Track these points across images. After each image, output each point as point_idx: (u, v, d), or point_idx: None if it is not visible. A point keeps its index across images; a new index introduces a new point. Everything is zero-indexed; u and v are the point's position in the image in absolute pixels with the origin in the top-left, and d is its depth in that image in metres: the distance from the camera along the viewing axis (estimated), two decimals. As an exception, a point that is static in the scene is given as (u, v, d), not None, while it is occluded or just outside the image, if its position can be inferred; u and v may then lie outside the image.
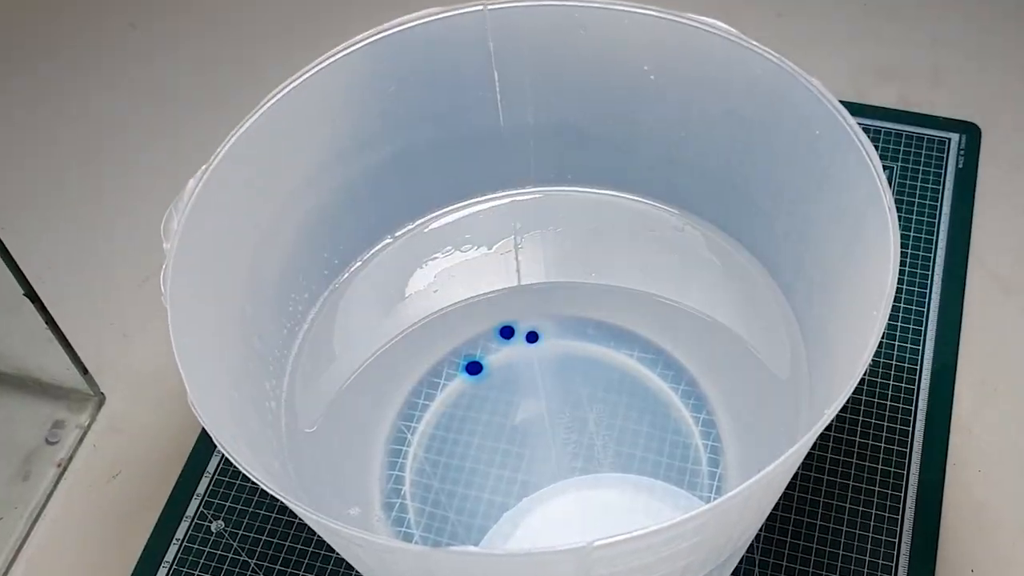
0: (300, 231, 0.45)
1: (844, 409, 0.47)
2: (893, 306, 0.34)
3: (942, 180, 0.55)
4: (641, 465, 0.45)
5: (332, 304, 0.48)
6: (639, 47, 0.43)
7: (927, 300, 0.51)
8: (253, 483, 0.32)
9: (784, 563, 0.44)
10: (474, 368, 0.48)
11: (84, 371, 0.50)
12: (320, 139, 0.44)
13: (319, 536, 0.45)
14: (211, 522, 0.47)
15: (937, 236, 0.53)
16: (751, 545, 0.45)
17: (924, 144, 0.56)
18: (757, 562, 0.44)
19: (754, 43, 0.40)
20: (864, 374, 0.32)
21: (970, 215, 0.54)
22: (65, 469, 0.49)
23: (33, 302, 0.46)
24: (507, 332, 0.48)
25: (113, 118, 0.62)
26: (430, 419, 0.47)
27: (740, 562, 0.44)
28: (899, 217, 0.36)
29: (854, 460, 0.46)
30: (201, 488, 0.48)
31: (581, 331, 0.48)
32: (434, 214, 0.50)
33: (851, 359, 0.35)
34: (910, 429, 0.47)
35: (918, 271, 0.52)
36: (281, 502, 0.32)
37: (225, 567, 0.45)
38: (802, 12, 0.64)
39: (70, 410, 0.51)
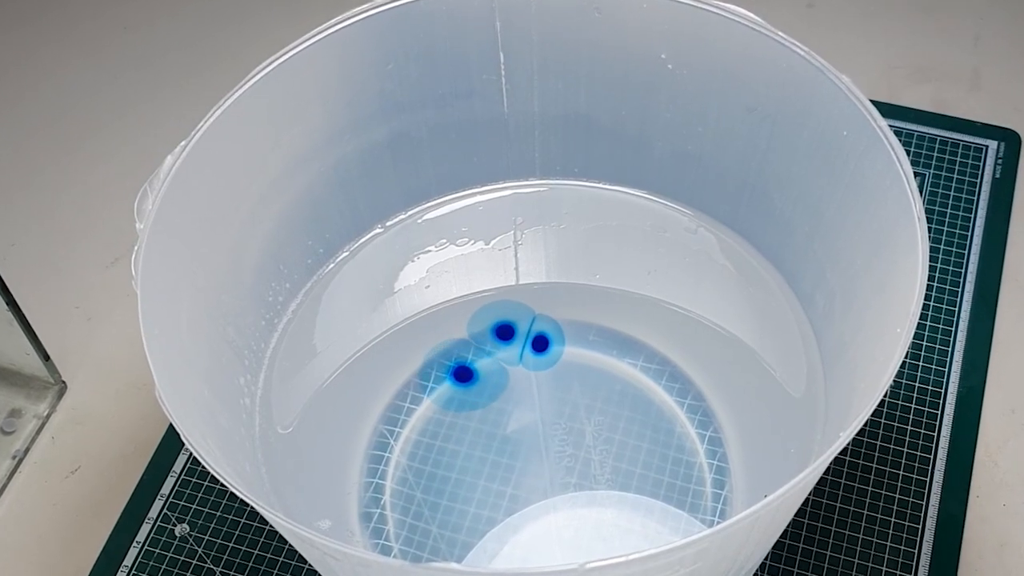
0: (284, 216, 0.45)
1: (861, 432, 0.47)
2: (919, 324, 0.34)
3: (977, 190, 0.55)
4: (640, 483, 0.45)
5: (315, 296, 0.48)
6: (657, 33, 0.43)
7: (955, 319, 0.51)
8: (222, 485, 0.32)
9: (790, 595, 0.44)
10: (462, 374, 0.47)
11: (45, 357, 0.50)
12: (311, 117, 0.44)
13: (291, 546, 0.45)
14: (175, 525, 0.47)
15: (969, 250, 0.53)
16: (755, 574, 0.45)
17: (959, 151, 0.56)
18: (761, 593, 0.45)
19: (781, 34, 0.40)
20: (884, 396, 0.33)
21: (1006, 229, 0.54)
22: (20, 462, 0.49)
23: (-7, 280, 0.46)
24: (503, 333, 0.48)
25: (86, 85, 0.62)
26: (415, 425, 0.47)
27: (742, 592, 0.45)
28: (929, 228, 0.36)
29: (870, 488, 0.46)
30: (166, 488, 0.48)
31: (582, 337, 0.48)
32: (429, 204, 0.50)
33: (871, 379, 0.35)
34: (931, 457, 0.47)
35: (947, 287, 0.52)
36: (251, 507, 0.32)
37: (188, 574, 0.45)
38: (834, 3, 0.64)
39: (28, 398, 0.51)
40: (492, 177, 0.50)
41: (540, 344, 0.48)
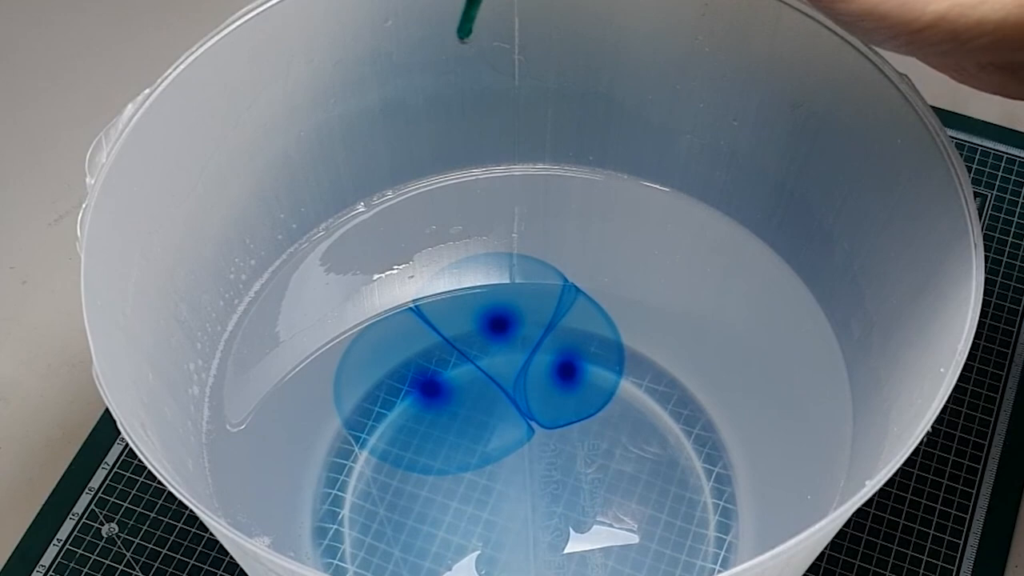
0: (255, 183, 0.45)
1: (890, 483, 0.47)
2: (966, 364, 0.34)
3: (1044, 218, 0.55)
4: (635, 519, 0.45)
5: (283, 277, 0.48)
6: (693, 12, 0.43)
7: (1008, 362, 0.51)
8: (159, 483, 0.32)
9: (794, 660, 0.44)
10: (430, 389, 0.47)
11: (-30, 321, 0.50)
12: (293, 74, 0.44)
13: (232, 558, 0.45)
14: (102, 524, 0.47)
15: (1029, 285, 0.53)
16: (756, 633, 0.45)
17: (1027, 172, 0.56)
18: (761, 655, 0.45)
19: (836, 23, 0.40)
20: (920, 443, 0.32)
21: (1072, 265, 0.54)
22: (-69, 438, 0.49)
23: (-82, 229, 0.46)
24: (499, 327, 0.48)
25: (40, 16, 0.62)
26: (384, 432, 0.47)
27: (740, 653, 0.44)
28: (987, 257, 0.36)
29: (894, 546, 0.46)
30: (95, 482, 0.48)
31: (582, 348, 0.48)
32: (421, 183, 0.50)
33: (907, 423, 0.35)
34: (967, 517, 0.47)
35: (1001, 324, 0.52)
36: (190, 511, 0.32)
37: (112, 581, 0.46)
38: (899, -8, 0.64)
39: (-53, 366, 0.51)
40: (495, 157, 0.50)
41: (581, 374, 0.48)
